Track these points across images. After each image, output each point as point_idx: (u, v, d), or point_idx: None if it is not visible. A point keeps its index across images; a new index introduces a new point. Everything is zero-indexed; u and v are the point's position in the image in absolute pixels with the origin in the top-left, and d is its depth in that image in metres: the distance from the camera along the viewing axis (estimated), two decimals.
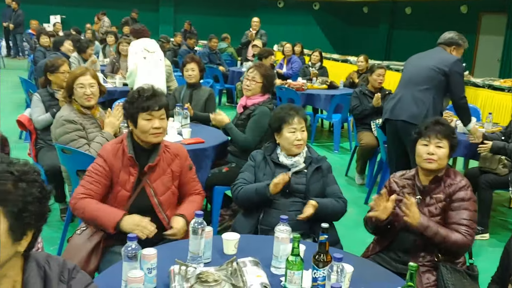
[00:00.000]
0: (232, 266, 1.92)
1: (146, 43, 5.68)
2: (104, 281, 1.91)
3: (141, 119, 2.48)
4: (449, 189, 2.48)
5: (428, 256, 2.44)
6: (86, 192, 2.43)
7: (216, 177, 3.86)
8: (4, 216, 1.20)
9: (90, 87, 3.46)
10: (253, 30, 10.62)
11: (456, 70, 4.15)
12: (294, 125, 2.81)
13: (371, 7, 17.61)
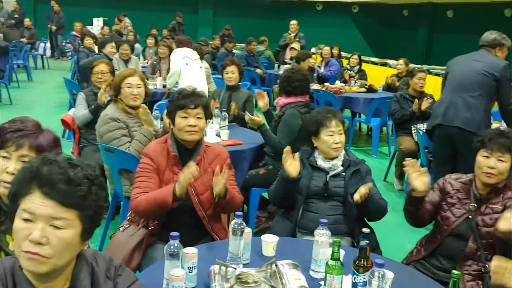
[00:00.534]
0: (271, 268, 1.93)
1: (188, 52, 6.08)
2: (146, 278, 1.94)
3: (178, 117, 2.56)
4: (508, 201, 2.39)
5: (475, 265, 2.37)
6: (142, 190, 2.47)
7: (253, 179, 3.88)
8: (80, 219, 1.26)
9: (137, 87, 3.55)
10: (292, 33, 10.61)
11: (507, 76, 4.09)
12: (332, 128, 2.80)
13: (411, 9, 17.33)
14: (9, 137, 1.69)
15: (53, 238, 1.21)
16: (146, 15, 16.89)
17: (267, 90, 9.53)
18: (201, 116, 2.59)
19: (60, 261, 1.25)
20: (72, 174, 1.23)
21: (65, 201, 1.22)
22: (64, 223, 1.23)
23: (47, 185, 1.22)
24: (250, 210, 3.92)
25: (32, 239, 1.20)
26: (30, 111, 8.09)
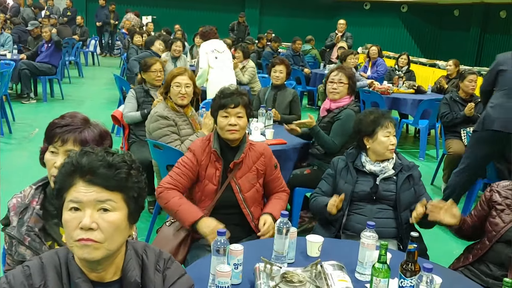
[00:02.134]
0: (317, 269, 1.92)
1: (216, 44, 5.98)
2: (192, 273, 1.94)
3: (220, 116, 2.62)
4: None
5: None
6: (172, 182, 2.54)
7: (297, 179, 3.87)
8: (125, 202, 1.31)
9: (186, 87, 3.61)
10: (339, 32, 10.52)
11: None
12: (390, 128, 2.76)
13: (462, 10, 16.84)
14: (57, 132, 1.75)
15: (103, 222, 1.26)
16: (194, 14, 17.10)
17: (311, 90, 9.54)
18: (242, 115, 2.62)
19: (112, 245, 1.29)
20: (111, 159, 1.29)
21: (108, 184, 1.27)
22: (111, 206, 1.28)
23: (89, 173, 1.27)
24: (294, 210, 3.91)
25: (84, 226, 1.24)
26: (81, 107, 8.35)
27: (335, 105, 3.88)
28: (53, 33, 8.63)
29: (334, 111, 3.86)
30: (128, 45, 10.24)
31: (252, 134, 4.04)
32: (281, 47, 12.05)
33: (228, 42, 9.16)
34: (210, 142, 2.64)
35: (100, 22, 15.66)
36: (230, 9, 17.18)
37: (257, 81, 7.02)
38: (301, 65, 9.92)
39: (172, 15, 17.31)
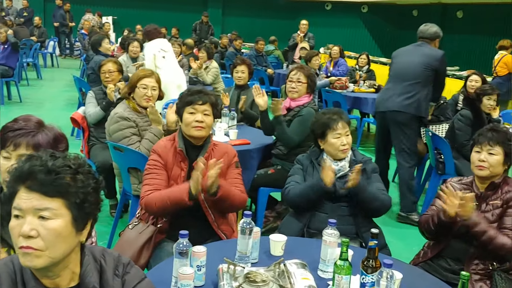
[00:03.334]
0: (280, 268, 1.93)
1: (161, 44, 5.86)
2: (154, 276, 1.95)
3: (186, 113, 2.60)
4: (506, 195, 2.43)
5: (481, 265, 2.38)
6: (152, 188, 2.49)
7: (261, 179, 3.88)
8: (67, 208, 1.26)
9: (152, 89, 3.58)
10: (301, 32, 10.61)
11: (444, 67, 4.64)
12: (339, 130, 2.79)
13: (421, 10, 17.23)
14: (9, 136, 1.71)
15: (43, 229, 1.23)
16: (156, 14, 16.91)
17: (275, 90, 9.58)
18: (209, 113, 2.61)
19: (55, 253, 1.25)
20: (51, 164, 1.25)
21: (47, 191, 1.24)
22: (51, 213, 1.24)
23: (29, 179, 1.24)
24: (258, 210, 3.92)
25: (23, 234, 1.21)
26: (40, 109, 8.14)
27: (295, 104, 3.92)
28: (9, 34, 8.40)
29: (294, 109, 3.91)
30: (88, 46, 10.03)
31: (215, 134, 4.02)
32: (244, 47, 12.07)
33: (190, 42, 9.11)
34: (175, 142, 2.61)
35: (58, 22, 15.31)
36: (193, 9, 17.09)
37: (221, 82, 7.01)
38: (264, 65, 9.96)
39: (133, 15, 17.08)
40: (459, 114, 4.69)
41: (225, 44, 11.99)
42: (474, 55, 14.13)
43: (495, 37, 13.66)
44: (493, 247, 2.29)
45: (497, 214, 2.42)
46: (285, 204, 2.96)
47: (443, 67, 4.63)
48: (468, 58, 13.76)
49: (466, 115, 4.57)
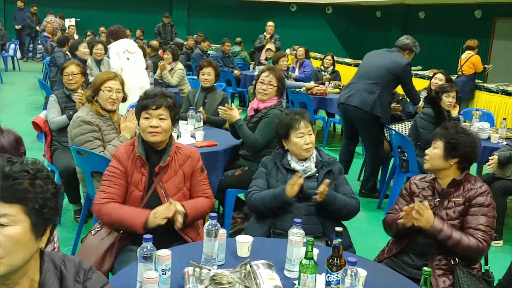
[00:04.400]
0: (246, 269, 1.93)
1: (126, 44, 5.83)
2: (119, 281, 1.93)
3: (142, 118, 2.56)
4: (468, 193, 2.48)
5: (444, 260, 2.43)
6: (107, 196, 2.45)
7: (228, 180, 3.87)
8: (26, 214, 1.23)
9: (117, 92, 3.52)
10: (268, 34, 10.65)
11: (406, 73, 5.03)
12: (301, 129, 2.81)
13: (384, 11, 17.54)
14: None
15: (0, 236, 1.19)
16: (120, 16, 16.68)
17: (242, 91, 9.59)
18: (165, 117, 2.55)
19: (14, 261, 1.22)
20: (8, 170, 1.22)
21: (4, 197, 1.20)
22: (9, 220, 1.20)
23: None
24: (226, 211, 3.91)
25: None
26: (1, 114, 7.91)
27: (263, 105, 3.93)
28: None
29: (262, 111, 3.91)
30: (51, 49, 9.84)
31: (181, 136, 4.00)
32: (210, 49, 12.03)
33: (155, 44, 9.03)
34: (134, 147, 2.56)
35: (20, 25, 14.93)
36: (157, 11, 16.93)
37: (187, 83, 6.97)
38: (231, 66, 9.95)
39: (96, 17, 16.83)
40: (421, 112, 4.79)
41: (191, 45, 11.93)
42: (436, 54, 14.46)
43: (457, 37, 14.04)
44: (459, 250, 2.34)
45: (459, 211, 2.48)
46: (248, 208, 2.96)
47: (405, 75, 5.04)
48: (431, 58, 14.06)
49: (427, 113, 4.68)
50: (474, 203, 2.45)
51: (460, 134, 2.57)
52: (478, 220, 2.40)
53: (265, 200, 2.73)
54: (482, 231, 2.36)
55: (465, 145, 2.54)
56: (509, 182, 4.19)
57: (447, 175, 2.57)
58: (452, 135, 2.58)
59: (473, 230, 2.38)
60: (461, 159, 2.56)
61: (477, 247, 2.33)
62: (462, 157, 2.55)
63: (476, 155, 2.59)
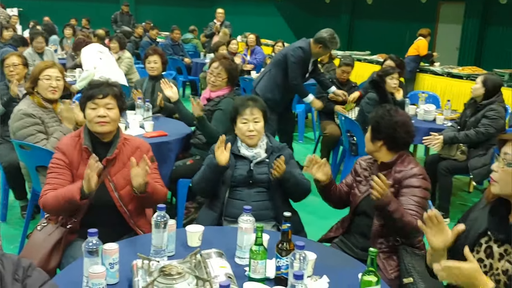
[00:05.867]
0: (196, 258, 1.92)
1: (97, 47, 5.96)
2: (65, 277, 1.89)
3: (88, 109, 2.48)
4: (398, 175, 2.48)
5: (385, 242, 2.46)
6: (52, 187, 2.38)
7: (180, 170, 3.83)
8: None
9: (56, 80, 3.41)
10: (218, 21, 10.56)
11: (293, 55, 4.87)
12: (246, 116, 2.81)
13: None
14: None
15: None
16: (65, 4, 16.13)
17: (193, 80, 9.49)
18: (112, 107, 2.49)
19: None
20: None
21: None
22: None
23: None
24: (179, 202, 3.88)
25: None
26: None
27: (215, 94, 3.92)
28: None
29: (214, 99, 3.89)
30: None
31: (130, 127, 3.92)
32: (159, 37, 11.82)
33: (101, 33, 8.80)
34: (80, 139, 2.49)
35: None
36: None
37: (135, 72, 6.84)
38: (181, 54, 9.82)
39: (41, 6, 16.17)
40: (366, 97, 4.88)
41: (139, 33, 11.68)
42: (384, 39, 14.73)
43: (403, 22, 14.36)
44: (402, 224, 2.34)
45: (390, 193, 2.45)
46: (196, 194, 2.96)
47: (292, 58, 4.88)
48: (379, 43, 14.32)
49: (372, 97, 4.76)
50: (404, 185, 2.44)
51: (383, 116, 2.55)
52: (408, 201, 2.39)
53: (203, 174, 2.76)
54: (414, 211, 2.36)
55: (386, 126, 2.52)
56: (454, 162, 4.35)
57: (380, 157, 2.58)
58: (375, 118, 2.58)
59: (407, 210, 2.37)
60: (385, 141, 2.54)
61: (414, 225, 2.31)
62: (386, 139, 2.53)
63: (403, 136, 2.53)
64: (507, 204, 1.73)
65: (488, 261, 1.75)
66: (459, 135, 4.27)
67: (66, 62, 7.28)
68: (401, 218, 2.31)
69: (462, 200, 5.12)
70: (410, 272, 2.35)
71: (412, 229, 2.34)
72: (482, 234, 1.80)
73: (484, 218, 1.80)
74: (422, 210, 2.38)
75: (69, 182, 2.43)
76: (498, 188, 1.71)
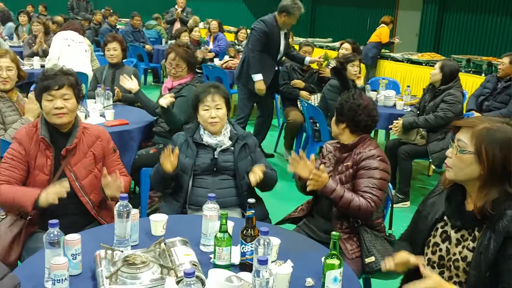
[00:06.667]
0: (160, 247, 1.91)
1: (72, 34, 5.83)
2: (27, 270, 1.86)
3: (44, 100, 2.42)
4: (357, 157, 2.54)
5: (346, 223, 2.52)
6: (3, 179, 2.34)
7: (143, 159, 3.79)
8: None
9: (7, 70, 3.31)
10: (179, 7, 10.42)
11: (253, 28, 4.96)
12: (208, 102, 2.79)
13: None
14: None
15: None
16: None
17: (155, 67, 9.36)
18: (69, 97, 2.44)
19: None
20: None
21: None
22: None
23: None
24: (142, 191, 3.85)
25: None
26: None
27: (177, 83, 3.89)
28: None
29: (176, 87, 3.85)
30: None
31: (90, 116, 3.85)
32: (120, 23, 11.59)
33: (60, 20, 8.56)
34: (37, 129, 2.43)
35: None
36: None
37: (95, 60, 6.66)
38: (142, 41, 9.66)
39: None
40: (328, 84, 4.93)
41: (99, 20, 11.41)
42: (345, 26, 14.86)
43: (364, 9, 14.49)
44: (351, 210, 2.40)
45: (348, 175, 2.55)
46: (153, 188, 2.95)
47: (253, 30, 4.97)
48: (340, 30, 14.44)
49: (333, 84, 4.82)
50: (361, 166, 2.51)
51: (347, 100, 2.63)
52: (365, 182, 2.46)
53: (153, 175, 2.76)
54: (369, 193, 2.42)
55: (348, 110, 2.59)
56: (413, 146, 4.45)
57: (343, 140, 2.65)
58: (340, 101, 2.66)
59: (362, 192, 2.44)
60: (348, 123, 2.61)
61: (366, 208, 2.39)
62: (348, 122, 2.60)
63: (365, 119, 2.60)
64: (463, 190, 1.79)
65: (444, 245, 1.80)
66: (418, 119, 4.37)
67: (23, 50, 7.06)
68: (349, 205, 2.39)
69: (422, 184, 5.26)
70: (371, 251, 2.42)
71: (362, 213, 2.39)
72: (439, 219, 1.85)
73: (441, 203, 1.85)
74: (380, 192, 2.44)
75: (22, 177, 2.39)
76: (452, 174, 1.76)
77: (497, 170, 1.65)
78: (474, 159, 1.68)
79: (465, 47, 11.20)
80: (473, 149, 1.68)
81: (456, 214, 1.78)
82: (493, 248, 1.63)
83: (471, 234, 1.73)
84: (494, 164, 1.65)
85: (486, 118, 1.76)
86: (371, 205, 2.40)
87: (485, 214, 1.66)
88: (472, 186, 1.73)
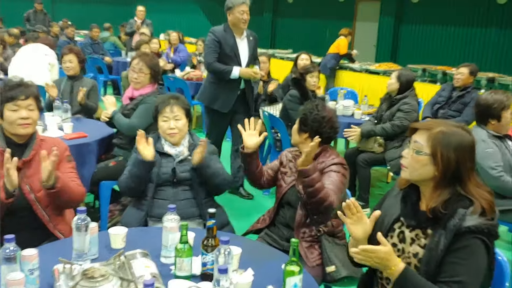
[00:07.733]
0: (120, 260, 1.89)
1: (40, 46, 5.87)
2: None
3: (7, 110, 2.39)
4: (320, 165, 2.58)
5: (308, 231, 2.56)
6: None
7: (102, 172, 3.74)
8: None
9: None
10: (139, 19, 10.35)
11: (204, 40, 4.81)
12: (166, 113, 2.80)
13: None
14: None
15: None
16: None
17: (115, 79, 9.26)
18: (33, 108, 2.44)
19: None
20: None
21: None
22: None
23: None
24: (102, 205, 3.78)
25: None
26: None
27: (138, 93, 3.86)
28: None
29: (137, 98, 3.83)
30: None
31: (48, 129, 3.77)
32: (78, 35, 11.42)
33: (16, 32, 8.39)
34: None
35: None
36: None
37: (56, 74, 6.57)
38: (101, 53, 9.55)
39: None
40: (288, 94, 5.00)
41: (56, 32, 11.21)
42: (305, 37, 15.08)
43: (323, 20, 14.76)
44: (320, 197, 2.40)
45: None
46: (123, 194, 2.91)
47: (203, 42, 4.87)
48: (300, 41, 14.64)
49: (293, 94, 4.89)
50: (324, 172, 2.56)
51: (311, 111, 2.66)
52: (326, 180, 2.50)
53: (132, 173, 2.73)
54: (331, 189, 2.45)
55: (313, 121, 2.63)
56: (371, 154, 4.56)
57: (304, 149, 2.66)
58: (303, 111, 2.69)
59: None
60: (311, 134, 2.64)
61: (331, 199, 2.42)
62: (312, 132, 2.64)
63: (328, 131, 2.65)
64: (418, 191, 1.85)
65: (401, 245, 1.86)
66: (376, 128, 4.48)
67: None
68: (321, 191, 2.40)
69: (381, 190, 5.37)
70: (332, 260, 2.46)
71: (327, 203, 2.41)
72: (396, 220, 1.91)
73: (397, 205, 1.91)
74: (339, 190, 2.49)
75: None
76: (407, 174, 1.83)
77: (450, 172, 1.72)
78: (429, 161, 1.74)
79: (420, 57, 11.55)
80: (429, 151, 1.74)
81: (411, 214, 1.84)
82: (443, 244, 1.69)
83: (424, 233, 1.79)
84: (448, 166, 1.71)
85: (443, 122, 1.82)
86: (333, 198, 2.43)
87: (437, 213, 1.73)
88: (426, 186, 1.80)
